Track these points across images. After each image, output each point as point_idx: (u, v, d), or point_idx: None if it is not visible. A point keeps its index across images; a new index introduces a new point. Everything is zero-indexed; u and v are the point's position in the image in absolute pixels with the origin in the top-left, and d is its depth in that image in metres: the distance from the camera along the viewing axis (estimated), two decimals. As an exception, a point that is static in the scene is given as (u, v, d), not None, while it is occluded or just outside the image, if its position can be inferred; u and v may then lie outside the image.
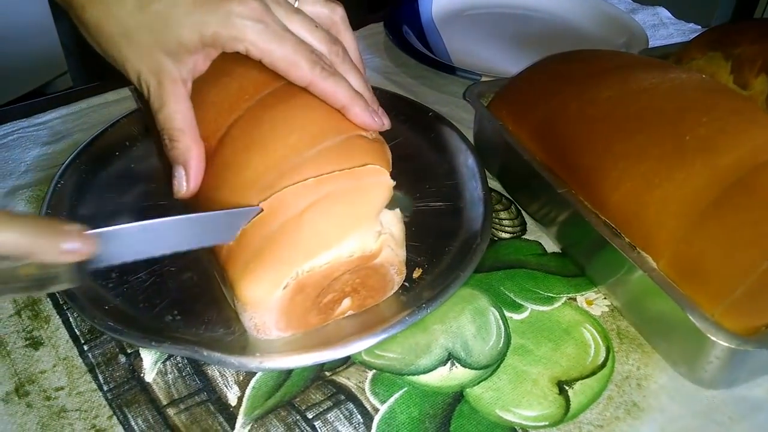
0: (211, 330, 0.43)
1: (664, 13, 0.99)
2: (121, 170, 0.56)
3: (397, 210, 0.44)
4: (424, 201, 0.54)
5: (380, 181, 0.41)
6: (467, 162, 0.57)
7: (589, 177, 0.46)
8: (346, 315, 0.45)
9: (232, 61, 0.43)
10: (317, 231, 0.39)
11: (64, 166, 0.53)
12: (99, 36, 0.41)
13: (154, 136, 0.55)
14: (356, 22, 0.92)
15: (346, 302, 0.44)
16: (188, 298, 0.46)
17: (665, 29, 0.94)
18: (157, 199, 0.53)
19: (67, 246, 0.32)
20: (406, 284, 0.47)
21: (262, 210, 0.39)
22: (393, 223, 0.44)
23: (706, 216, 0.41)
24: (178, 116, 0.40)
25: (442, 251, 0.49)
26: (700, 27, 0.95)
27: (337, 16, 0.46)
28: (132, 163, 0.57)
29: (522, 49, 0.85)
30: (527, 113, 0.53)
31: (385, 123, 0.44)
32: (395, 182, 0.42)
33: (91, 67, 0.55)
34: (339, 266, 0.41)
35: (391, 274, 0.45)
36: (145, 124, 0.58)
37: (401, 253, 0.45)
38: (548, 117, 0.51)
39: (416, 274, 0.48)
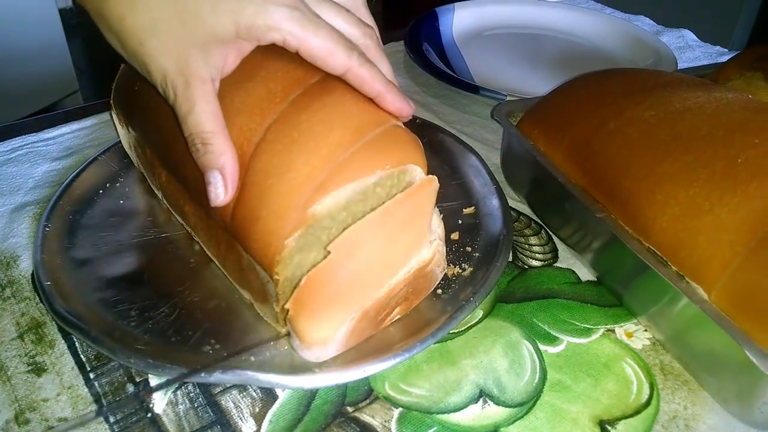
0: (256, 354, 0.41)
1: (689, 35, 0.96)
2: (109, 208, 0.53)
3: (436, 209, 0.44)
4: (437, 203, 0.52)
5: (432, 189, 0.40)
6: (469, 161, 0.57)
7: (631, 200, 0.43)
8: (394, 320, 0.44)
9: (252, 65, 0.41)
10: (385, 262, 0.39)
11: (47, 209, 0.50)
12: (121, 30, 0.38)
13: (142, 166, 0.54)
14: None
15: (396, 310, 0.44)
16: (222, 325, 0.43)
17: (692, 52, 0.92)
18: (157, 232, 0.51)
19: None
20: (443, 283, 0.46)
21: (330, 252, 0.36)
22: (438, 224, 0.43)
23: (764, 244, 0.38)
24: (209, 118, 0.38)
25: (468, 247, 0.49)
26: (726, 50, 0.93)
27: (359, 2, 0.45)
28: (120, 199, 0.54)
29: (546, 69, 0.83)
30: (561, 133, 0.51)
31: (414, 109, 0.43)
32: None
33: (102, 86, 0.53)
34: (399, 284, 0.40)
35: (437, 273, 0.45)
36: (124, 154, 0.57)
37: (444, 251, 0.44)
38: (584, 137, 0.49)
39: (450, 271, 0.47)
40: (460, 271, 0.47)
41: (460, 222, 0.52)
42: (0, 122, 0.68)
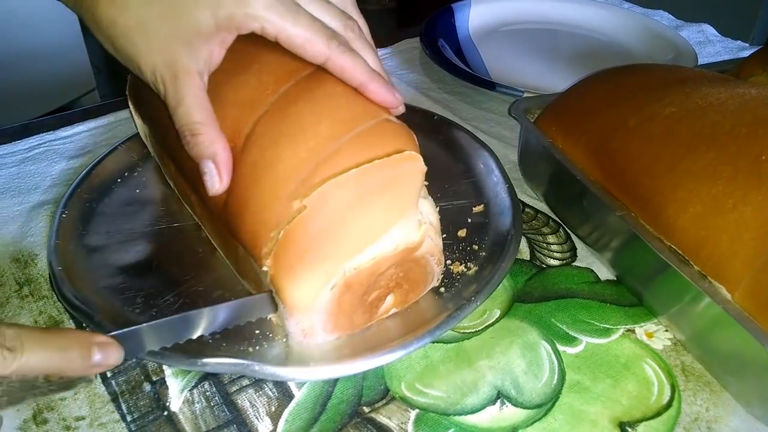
0: (256, 345, 0.41)
1: (709, 30, 0.95)
2: (126, 197, 0.54)
3: (430, 198, 0.43)
4: (447, 200, 0.53)
5: (416, 167, 0.39)
6: (483, 159, 0.56)
7: (652, 198, 0.43)
8: (390, 313, 0.43)
9: (247, 58, 0.41)
10: (362, 225, 0.38)
11: (65, 196, 0.51)
12: (114, 33, 0.40)
13: (157, 155, 0.54)
14: (388, 37, 0.90)
15: (390, 299, 0.43)
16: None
17: (712, 46, 0.91)
18: (169, 221, 0.52)
19: (96, 359, 0.32)
20: (447, 281, 0.46)
21: (305, 207, 0.37)
22: (430, 211, 0.43)
23: (789, 243, 0.37)
24: (198, 109, 0.39)
25: (475, 246, 0.49)
26: (747, 45, 0.92)
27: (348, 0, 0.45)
28: (137, 188, 0.55)
29: (564, 65, 0.82)
30: (579, 130, 0.50)
31: (402, 101, 0.42)
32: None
33: (119, 85, 0.55)
34: (384, 260, 0.39)
35: (432, 264, 0.44)
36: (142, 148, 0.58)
37: (440, 242, 0.43)
38: (604, 134, 0.48)
39: (456, 268, 0.47)
40: (465, 269, 0.47)
41: (469, 220, 0.51)
42: (18, 121, 0.68)
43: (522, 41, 0.88)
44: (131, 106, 0.55)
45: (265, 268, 0.38)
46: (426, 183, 0.42)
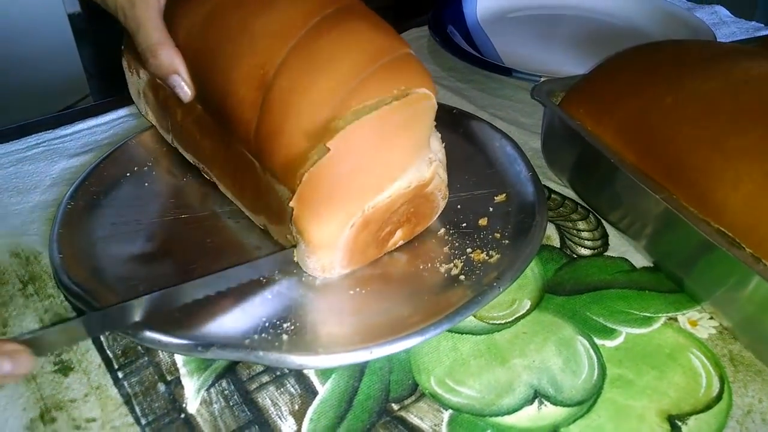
0: (263, 332, 0.39)
1: (722, 11, 0.93)
2: (134, 190, 0.53)
3: (437, 133, 0.45)
4: (468, 191, 0.51)
5: (430, 104, 0.42)
6: (505, 150, 0.55)
7: (698, 179, 0.40)
8: (399, 245, 0.46)
9: None
10: (383, 165, 0.41)
11: (72, 188, 0.51)
12: None
13: (151, 113, 0.55)
14: (393, 26, 0.87)
15: (398, 233, 0.45)
16: (232, 303, 0.42)
17: (727, 28, 0.89)
18: (178, 213, 0.50)
19: (4, 369, 0.31)
20: (467, 269, 0.44)
21: (329, 149, 0.38)
22: (438, 148, 0.45)
23: None
24: (155, 32, 0.44)
25: (497, 234, 0.47)
26: (762, 24, 0.90)
27: None
28: (146, 182, 0.54)
29: (578, 49, 0.79)
30: (610, 111, 0.48)
31: None
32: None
33: (113, 90, 0.55)
34: (399, 198, 0.42)
35: (438, 199, 0.46)
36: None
37: (446, 177, 0.46)
38: (638, 114, 0.45)
39: (477, 257, 0.45)
40: (486, 257, 0.45)
41: (490, 209, 0.49)
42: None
43: (532, 27, 0.86)
44: (125, 64, 0.55)
45: (291, 204, 0.40)
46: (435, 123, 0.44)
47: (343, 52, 0.40)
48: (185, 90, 0.45)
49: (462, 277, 0.44)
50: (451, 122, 0.59)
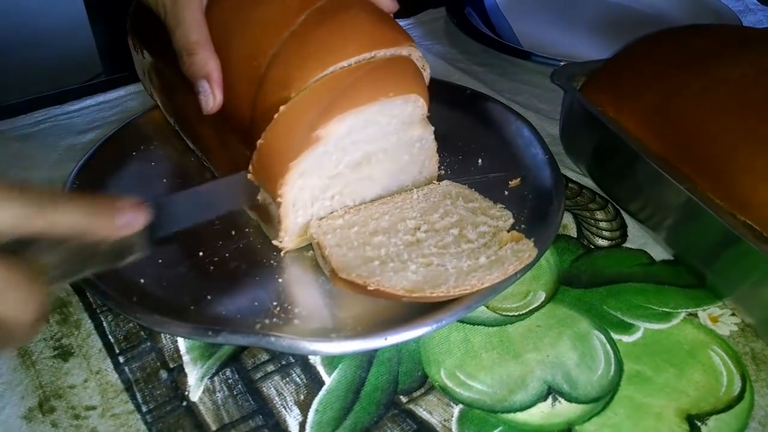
0: (273, 317, 0.38)
1: (749, -1, 0.90)
2: (139, 169, 0.51)
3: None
4: (481, 173, 0.50)
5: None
6: (521, 132, 0.53)
7: (724, 169, 0.38)
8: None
9: None
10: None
11: (77, 167, 0.49)
12: None
13: (156, 93, 0.54)
14: (406, 8, 0.85)
15: None
16: (240, 287, 0.41)
17: (753, 15, 0.86)
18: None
19: (121, 221, 0.32)
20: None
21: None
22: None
23: None
24: (195, 30, 0.41)
25: (515, 217, 0.44)
26: (791, 13, 0.87)
27: None
28: (152, 161, 0.52)
29: (598, 34, 0.77)
30: (634, 98, 0.46)
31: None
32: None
33: (126, 68, 0.53)
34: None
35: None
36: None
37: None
38: (662, 101, 0.43)
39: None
40: None
41: (505, 193, 0.48)
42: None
43: (551, 9, 0.83)
44: (131, 42, 0.54)
45: (279, 200, 0.40)
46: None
47: (339, 42, 0.40)
48: (209, 100, 0.41)
49: None
50: (464, 102, 0.57)
